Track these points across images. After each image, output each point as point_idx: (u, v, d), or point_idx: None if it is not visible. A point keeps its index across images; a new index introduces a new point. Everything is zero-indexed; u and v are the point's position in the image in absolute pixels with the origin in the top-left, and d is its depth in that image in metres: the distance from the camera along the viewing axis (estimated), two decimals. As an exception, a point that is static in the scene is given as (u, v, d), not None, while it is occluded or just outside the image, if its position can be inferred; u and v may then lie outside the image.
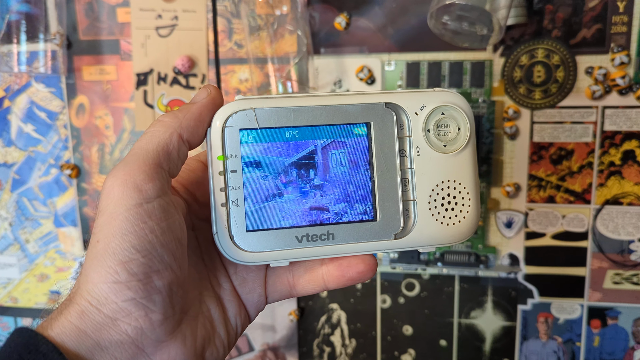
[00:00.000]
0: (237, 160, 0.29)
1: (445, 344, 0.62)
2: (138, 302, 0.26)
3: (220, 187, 0.29)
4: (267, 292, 0.33)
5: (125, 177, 0.26)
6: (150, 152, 0.27)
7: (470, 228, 0.31)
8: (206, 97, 0.29)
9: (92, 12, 0.61)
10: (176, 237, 0.28)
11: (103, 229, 0.26)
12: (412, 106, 0.30)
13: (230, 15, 0.59)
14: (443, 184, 0.31)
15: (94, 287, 0.26)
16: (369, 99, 0.30)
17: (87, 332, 0.25)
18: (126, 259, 0.26)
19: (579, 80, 0.54)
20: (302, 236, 0.30)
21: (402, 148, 0.31)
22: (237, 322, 0.32)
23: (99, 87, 0.62)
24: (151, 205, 0.26)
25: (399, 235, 0.31)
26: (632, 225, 0.56)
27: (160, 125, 0.28)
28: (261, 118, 0.30)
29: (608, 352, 0.59)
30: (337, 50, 0.58)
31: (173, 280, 0.27)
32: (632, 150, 0.55)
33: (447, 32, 0.49)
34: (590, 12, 0.53)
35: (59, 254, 0.67)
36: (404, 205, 0.31)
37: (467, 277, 0.60)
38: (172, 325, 0.27)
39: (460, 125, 0.31)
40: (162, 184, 0.27)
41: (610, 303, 0.58)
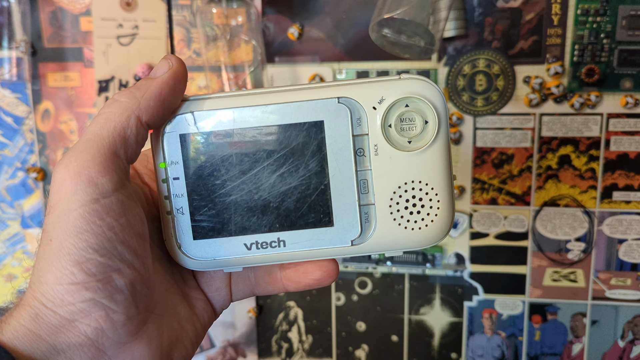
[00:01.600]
0: (179, 167, 0.28)
1: (397, 340, 0.65)
2: (98, 302, 0.24)
3: (165, 195, 0.28)
4: (231, 291, 0.32)
5: (78, 168, 0.24)
6: (106, 139, 0.25)
7: (440, 232, 0.29)
8: (167, 71, 0.26)
9: (56, 20, 0.63)
10: (137, 233, 0.25)
11: (55, 227, 0.24)
12: (369, 100, 0.27)
13: (189, 24, 0.61)
14: (407, 186, 0.28)
15: (48, 288, 0.24)
16: (320, 94, 0.28)
17: (41, 336, 0.24)
18: (82, 259, 0.24)
19: (518, 88, 0.58)
20: (252, 243, 0.28)
21: (359, 147, 0.28)
22: (204, 318, 0.31)
23: (63, 93, 0.64)
24: (108, 201, 0.24)
25: (356, 241, 0.28)
26: (568, 226, 0.59)
27: (116, 106, 0.26)
28: (201, 122, 0.27)
29: (548, 346, 0.63)
30: (291, 59, 0.60)
31: (136, 278, 0.25)
32: (568, 155, 0.58)
33: (388, 43, 0.52)
34: (527, 25, 0.56)
35: (26, 254, 0.69)
36: (362, 209, 0.28)
37: (416, 276, 0.63)
38: (136, 325, 0.26)
39: (428, 119, 0.27)
40: (120, 176, 0.25)
41: (549, 299, 0.61)
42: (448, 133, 0.28)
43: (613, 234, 0.59)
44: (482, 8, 0.56)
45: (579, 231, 0.59)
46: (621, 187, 0.58)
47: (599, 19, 0.55)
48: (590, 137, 0.57)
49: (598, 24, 0.55)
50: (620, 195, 0.58)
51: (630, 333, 0.61)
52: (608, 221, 0.59)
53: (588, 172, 0.58)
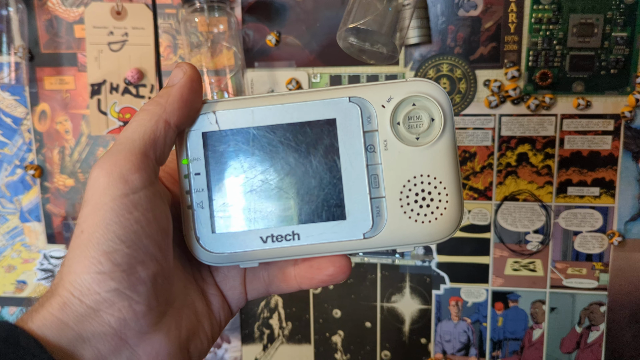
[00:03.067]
0: (200, 163, 0.29)
1: (370, 326, 0.70)
2: (121, 293, 0.25)
3: (186, 190, 0.30)
4: (246, 290, 0.33)
5: (111, 167, 0.26)
6: (137, 141, 0.27)
7: (450, 225, 0.29)
8: (182, 76, 0.29)
9: (52, 28, 0.67)
10: (162, 228, 0.27)
11: (87, 219, 0.26)
12: (378, 98, 0.29)
13: (175, 32, 0.66)
14: (415, 179, 0.29)
15: (76, 277, 0.25)
16: (332, 94, 0.29)
17: (68, 324, 0.25)
18: (110, 249, 0.25)
19: (479, 91, 0.62)
20: (267, 237, 0.29)
21: (370, 143, 0.29)
22: (220, 315, 0.32)
23: (59, 95, 0.69)
24: (137, 196, 0.26)
25: (368, 234, 0.29)
26: (527, 219, 0.64)
27: (145, 113, 0.28)
28: (222, 120, 0.29)
29: (510, 332, 0.67)
30: (269, 64, 0.65)
31: (158, 271, 0.27)
32: (526, 152, 0.63)
33: (355, 50, 0.56)
34: (487, 32, 0.61)
35: (24, 246, 0.74)
36: (373, 203, 0.29)
37: (387, 265, 0.68)
38: (156, 316, 0.27)
39: (434, 116, 0.29)
40: (149, 174, 0.27)
41: (511, 287, 0.66)
42: (454, 129, 0.29)
43: (568, 227, 0.64)
44: (445, 17, 0.61)
45: (537, 224, 0.64)
46: (575, 182, 0.62)
47: (552, 27, 0.59)
48: (545, 136, 0.62)
49: (551, 31, 0.59)
50: (575, 190, 0.63)
51: (586, 319, 0.65)
52: (564, 214, 0.63)
53: (544, 169, 0.62)
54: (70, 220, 0.72)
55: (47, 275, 0.74)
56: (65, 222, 0.72)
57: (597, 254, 0.64)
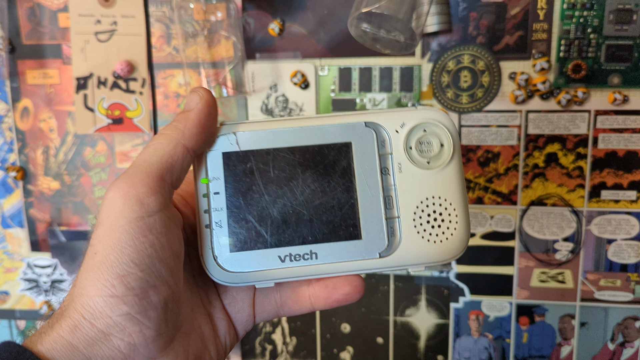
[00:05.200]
0: (220, 182, 0.30)
1: (382, 342, 0.64)
2: (133, 317, 0.25)
3: (205, 209, 0.30)
4: (255, 312, 0.33)
5: (127, 189, 0.26)
6: (154, 165, 0.27)
7: (459, 245, 0.31)
8: (199, 101, 0.29)
9: (34, 17, 0.62)
10: (174, 253, 0.27)
11: (102, 241, 0.26)
12: (392, 124, 0.31)
13: (169, 20, 0.60)
14: (428, 201, 0.31)
15: (89, 300, 0.25)
16: (349, 119, 0.31)
17: (78, 348, 0.25)
18: (124, 272, 0.25)
19: (503, 85, 0.56)
20: (285, 256, 0.30)
21: (384, 166, 0.31)
22: (226, 340, 0.32)
23: (42, 90, 0.63)
24: (152, 219, 0.26)
25: (384, 253, 0.30)
26: (556, 226, 0.58)
27: (163, 137, 0.28)
28: (242, 141, 0.30)
29: (536, 348, 0.61)
30: (272, 55, 0.59)
31: (169, 296, 0.27)
32: (555, 152, 0.57)
33: (368, 39, 0.51)
34: (512, 20, 0.55)
35: (6, 254, 0.68)
36: (388, 223, 0.31)
37: (401, 277, 0.62)
38: (165, 341, 0.27)
39: (443, 142, 0.31)
40: (165, 198, 0.27)
41: (537, 301, 0.60)
42: (460, 155, 0.31)
43: (602, 234, 0.58)
44: (466, 2, 0.55)
45: (567, 231, 0.58)
46: (610, 185, 0.57)
47: (586, 13, 0.53)
48: (577, 134, 0.56)
49: (585, 18, 0.53)
50: (609, 194, 0.57)
51: (620, 335, 0.60)
52: (596, 221, 0.58)
53: (576, 171, 0.57)
54: (55, 226, 0.66)
55: (31, 285, 0.68)
56: (50, 228, 0.66)
57: (632, 264, 0.58)
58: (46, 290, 0.68)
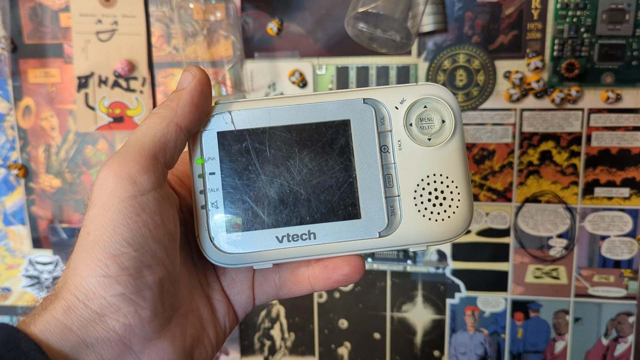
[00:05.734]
0: (215, 162, 0.29)
1: (379, 337, 0.65)
2: (127, 298, 0.25)
3: (200, 190, 0.29)
4: (254, 294, 0.32)
5: (119, 168, 0.25)
6: (146, 144, 0.27)
7: (462, 224, 0.30)
8: (192, 79, 0.29)
9: (35, 16, 0.63)
10: (169, 232, 0.27)
11: (94, 221, 0.25)
12: (392, 100, 0.30)
13: (169, 20, 0.61)
14: (429, 178, 0.30)
15: (82, 280, 0.25)
16: (347, 95, 0.30)
17: (72, 329, 0.24)
18: (117, 252, 0.25)
19: (498, 83, 0.57)
20: (283, 236, 0.30)
21: (383, 143, 0.30)
22: (225, 322, 0.31)
23: (44, 89, 0.64)
24: (145, 198, 0.26)
25: (383, 232, 0.30)
26: (550, 222, 0.59)
27: (156, 116, 0.28)
28: (237, 120, 0.30)
29: (531, 344, 0.62)
30: (270, 54, 0.60)
31: (164, 276, 0.26)
32: (549, 150, 0.58)
33: (365, 38, 0.51)
34: (507, 19, 0.56)
35: (8, 251, 0.69)
36: (388, 201, 0.30)
37: (398, 273, 0.63)
38: (162, 322, 0.26)
39: (445, 118, 0.30)
40: (158, 177, 0.26)
41: (532, 296, 0.61)
42: (463, 131, 0.30)
43: (595, 231, 0.59)
44: (462, 2, 0.56)
45: (561, 228, 0.59)
46: (603, 183, 0.57)
47: (579, 13, 0.54)
48: (571, 132, 0.57)
49: (578, 18, 0.54)
50: (602, 191, 0.58)
51: (614, 331, 0.61)
52: (590, 217, 0.58)
53: (569, 168, 0.58)
54: (57, 223, 0.67)
55: (33, 282, 0.69)
56: (52, 225, 0.67)
57: (626, 260, 0.59)
58: (47, 287, 0.69)
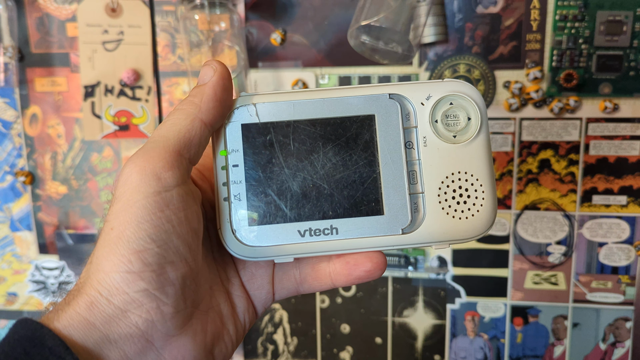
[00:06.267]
0: (239, 154, 0.29)
1: (381, 342, 0.66)
2: (150, 294, 0.25)
3: (223, 182, 0.29)
4: (274, 289, 0.32)
5: (144, 164, 0.25)
6: (171, 140, 0.27)
7: (485, 222, 0.30)
8: (213, 74, 0.28)
9: (43, 26, 0.64)
10: (192, 228, 0.27)
11: (118, 216, 0.25)
12: (418, 96, 0.30)
13: (174, 30, 0.62)
14: (453, 176, 0.29)
15: (105, 276, 0.25)
16: (373, 90, 0.30)
17: (95, 325, 0.25)
18: (141, 247, 0.25)
19: (498, 93, 0.58)
20: (305, 230, 0.29)
21: (408, 140, 0.30)
22: (245, 318, 0.31)
23: (50, 97, 0.65)
24: (170, 194, 0.26)
25: (406, 229, 0.29)
26: (549, 229, 0.60)
27: (180, 112, 0.28)
28: (262, 113, 0.29)
29: (530, 348, 0.63)
30: (274, 64, 0.61)
31: (187, 272, 0.26)
32: (548, 159, 0.59)
33: (367, 49, 0.52)
34: (507, 30, 0.57)
35: (15, 257, 0.70)
36: (411, 198, 0.29)
37: (399, 278, 0.64)
38: (183, 319, 0.27)
39: (471, 115, 0.30)
40: (182, 173, 0.26)
41: (531, 302, 0.62)
42: (488, 129, 0.30)
43: (593, 237, 0.60)
44: (462, 14, 0.57)
45: (560, 234, 0.60)
46: (601, 190, 0.58)
47: (577, 25, 0.55)
48: (569, 141, 0.58)
49: (576, 29, 0.55)
50: (600, 199, 0.59)
51: (611, 336, 0.62)
52: (588, 225, 0.59)
53: (568, 176, 0.59)
54: (63, 229, 0.68)
55: (39, 287, 0.70)
56: (58, 231, 0.68)
57: (623, 267, 0.60)
58: (54, 292, 0.70)
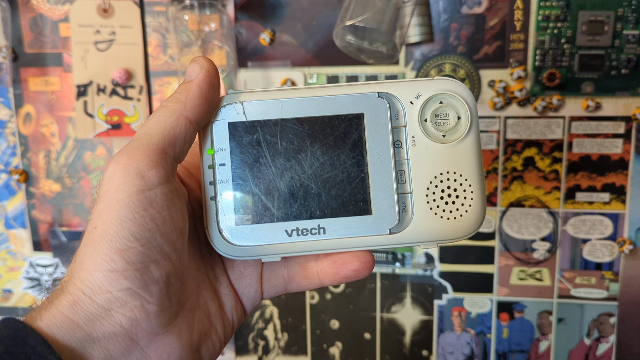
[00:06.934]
0: (226, 153, 0.29)
1: (370, 337, 0.67)
2: (134, 292, 0.25)
3: (210, 181, 0.29)
4: (262, 288, 0.32)
5: (128, 162, 0.25)
6: (155, 137, 0.26)
7: (474, 223, 0.30)
8: (200, 71, 0.28)
9: (36, 26, 0.65)
10: (177, 227, 0.27)
11: (102, 215, 0.25)
12: (407, 95, 0.29)
13: (165, 30, 0.63)
14: (442, 176, 0.29)
15: (88, 275, 0.25)
16: (361, 89, 0.29)
17: (78, 324, 0.24)
18: (124, 246, 0.24)
19: (483, 92, 0.59)
20: (292, 230, 0.29)
21: (397, 139, 0.29)
22: (233, 316, 0.31)
23: (44, 97, 0.66)
24: (153, 193, 0.25)
25: (394, 229, 0.29)
26: (533, 226, 0.61)
27: (165, 110, 0.27)
28: (249, 111, 0.29)
29: (516, 343, 0.64)
30: (263, 64, 0.62)
31: (171, 271, 0.26)
32: (532, 157, 0.60)
33: (353, 49, 0.54)
34: (491, 30, 0.58)
35: (9, 254, 0.71)
36: (399, 198, 0.29)
37: (387, 275, 0.65)
38: (168, 317, 0.26)
39: (461, 114, 0.29)
40: (167, 171, 0.26)
41: (516, 297, 0.63)
42: (478, 128, 0.30)
43: (577, 234, 0.61)
44: (447, 14, 0.58)
45: (544, 231, 0.61)
46: (584, 188, 0.59)
47: (560, 25, 0.56)
48: (553, 139, 0.59)
49: (559, 29, 0.56)
50: (583, 196, 0.60)
51: (595, 331, 0.63)
52: (572, 221, 0.60)
53: (552, 174, 0.60)
54: (56, 226, 0.69)
55: (33, 284, 0.71)
56: (52, 229, 0.69)
57: (606, 263, 0.61)
58: (48, 289, 0.71)
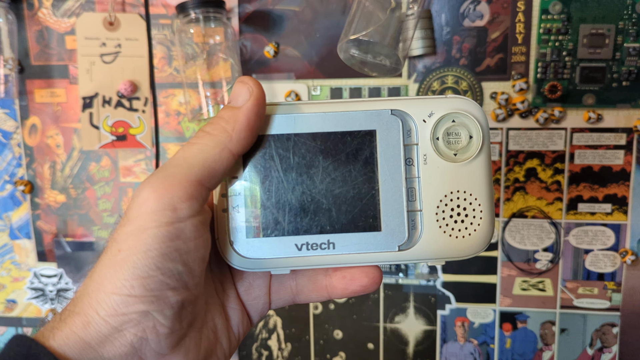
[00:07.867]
0: (238, 166, 0.29)
1: (373, 347, 0.67)
2: (149, 314, 0.25)
3: (222, 193, 0.29)
4: (270, 299, 0.32)
5: (162, 191, 0.25)
6: (195, 168, 0.26)
7: (482, 242, 0.30)
8: (249, 98, 0.27)
9: (42, 39, 0.65)
10: (200, 257, 0.27)
11: (127, 240, 0.25)
12: (420, 113, 0.30)
13: (170, 43, 0.64)
14: (452, 195, 0.30)
15: (105, 297, 0.25)
16: (375, 105, 0.30)
17: (90, 344, 0.25)
18: (145, 274, 0.24)
19: (485, 104, 0.60)
20: (302, 244, 0.30)
21: (408, 156, 0.30)
22: (239, 329, 0.31)
23: (49, 108, 0.67)
24: (183, 225, 0.25)
25: (403, 246, 0.30)
26: (536, 237, 0.61)
27: (209, 139, 0.27)
28: (263, 125, 0.29)
29: (519, 354, 0.64)
30: (267, 76, 0.63)
31: (187, 297, 0.26)
32: (534, 168, 0.60)
33: (356, 62, 0.54)
34: (493, 43, 0.58)
35: (14, 264, 0.71)
36: (409, 215, 0.30)
37: (390, 285, 0.65)
38: (177, 338, 0.27)
39: (473, 134, 0.30)
40: (200, 203, 0.26)
41: (519, 308, 0.63)
42: (490, 148, 0.30)
43: (579, 245, 0.61)
44: (450, 27, 0.59)
45: (547, 242, 0.61)
46: (586, 199, 0.60)
47: (561, 38, 0.57)
48: (555, 150, 0.59)
49: (560, 42, 0.57)
50: (585, 206, 0.60)
51: (598, 341, 0.63)
52: (574, 232, 0.61)
53: (554, 185, 0.60)
54: (61, 237, 0.69)
55: (37, 294, 0.71)
56: (57, 239, 0.69)
57: (609, 273, 0.61)
58: (52, 299, 0.71)
